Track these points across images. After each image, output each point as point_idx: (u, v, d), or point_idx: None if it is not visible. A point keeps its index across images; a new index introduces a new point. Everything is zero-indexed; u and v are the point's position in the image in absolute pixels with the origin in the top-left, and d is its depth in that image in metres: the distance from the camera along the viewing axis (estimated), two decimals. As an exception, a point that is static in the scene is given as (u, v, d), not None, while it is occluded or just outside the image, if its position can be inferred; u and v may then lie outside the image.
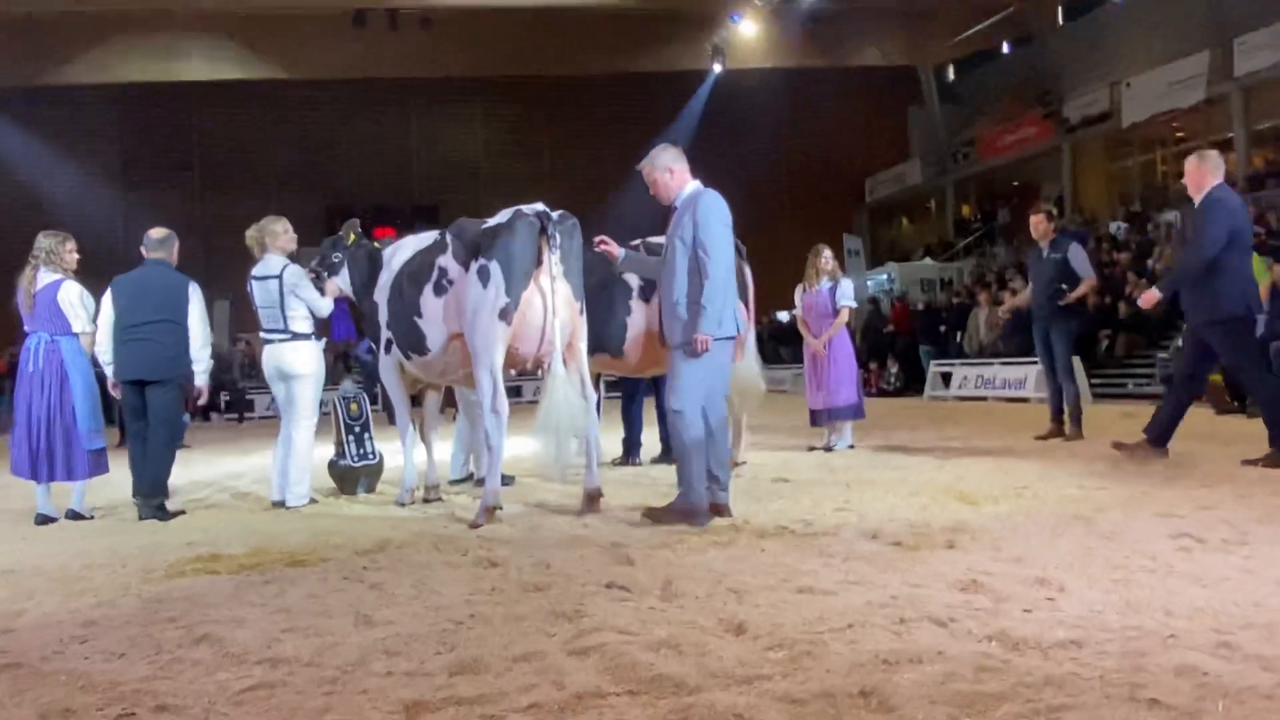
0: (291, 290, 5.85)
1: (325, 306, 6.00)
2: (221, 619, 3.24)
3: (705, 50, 23.55)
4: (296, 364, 5.92)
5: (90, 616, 3.39)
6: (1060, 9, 23.95)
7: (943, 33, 25.10)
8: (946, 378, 15.49)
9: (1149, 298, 6.07)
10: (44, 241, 5.80)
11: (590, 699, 2.35)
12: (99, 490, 6.42)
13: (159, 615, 3.35)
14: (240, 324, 23.90)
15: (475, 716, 2.28)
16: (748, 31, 21.79)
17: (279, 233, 6.01)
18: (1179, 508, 4.41)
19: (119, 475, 6.28)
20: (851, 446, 7.89)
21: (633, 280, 6.00)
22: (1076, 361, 12.47)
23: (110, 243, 19.65)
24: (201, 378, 5.91)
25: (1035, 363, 9.21)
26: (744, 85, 27.11)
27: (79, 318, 5.72)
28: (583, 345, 5.28)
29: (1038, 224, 7.82)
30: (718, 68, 23.77)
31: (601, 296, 5.99)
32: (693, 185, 4.77)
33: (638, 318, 6.06)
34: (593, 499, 5.12)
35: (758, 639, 2.76)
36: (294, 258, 6.07)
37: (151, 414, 5.77)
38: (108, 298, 5.84)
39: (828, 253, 7.92)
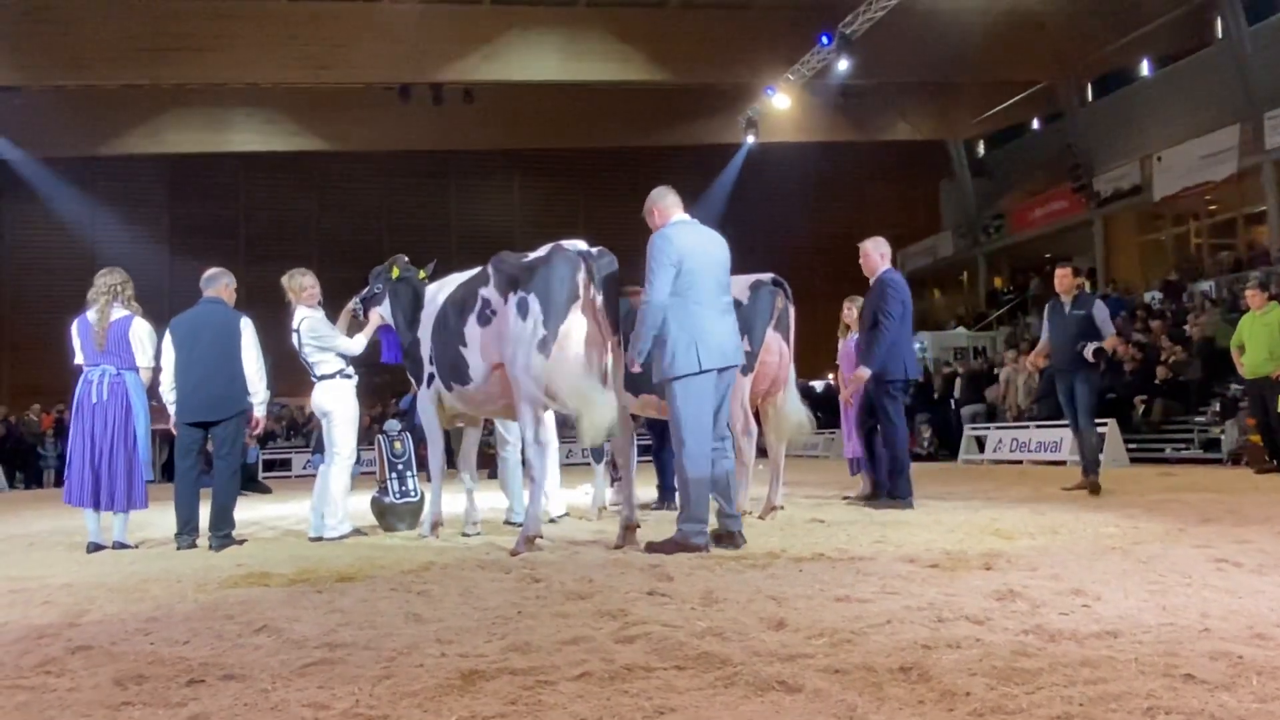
0: (309, 342, 6.11)
1: (354, 346, 6.20)
2: (278, 616, 3.38)
3: (739, 123, 24.15)
4: (323, 402, 6.16)
5: (152, 615, 3.55)
6: (1090, 85, 24.39)
7: (972, 108, 25.60)
8: (981, 442, 15.43)
9: (860, 375, 6.86)
10: (113, 277, 6.10)
11: (639, 670, 2.46)
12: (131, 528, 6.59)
13: (217, 613, 3.50)
14: (281, 387, 24.44)
15: (530, 683, 2.39)
16: (781, 105, 22.31)
17: (300, 288, 6.26)
18: (1216, 541, 4.45)
19: (150, 514, 6.44)
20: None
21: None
22: (1113, 424, 12.50)
23: (156, 303, 20.37)
24: (259, 409, 6.13)
25: (1069, 425, 9.05)
26: (776, 158, 27.69)
27: (145, 353, 6.00)
28: (619, 380, 5.38)
29: (1064, 278, 7.88)
30: (750, 140, 24.33)
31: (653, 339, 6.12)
32: (666, 226, 5.01)
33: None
34: (630, 531, 5.21)
35: (798, 631, 2.85)
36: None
37: (215, 448, 5.99)
38: (168, 339, 6.09)
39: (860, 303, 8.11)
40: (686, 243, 4.88)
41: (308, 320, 6.15)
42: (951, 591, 3.38)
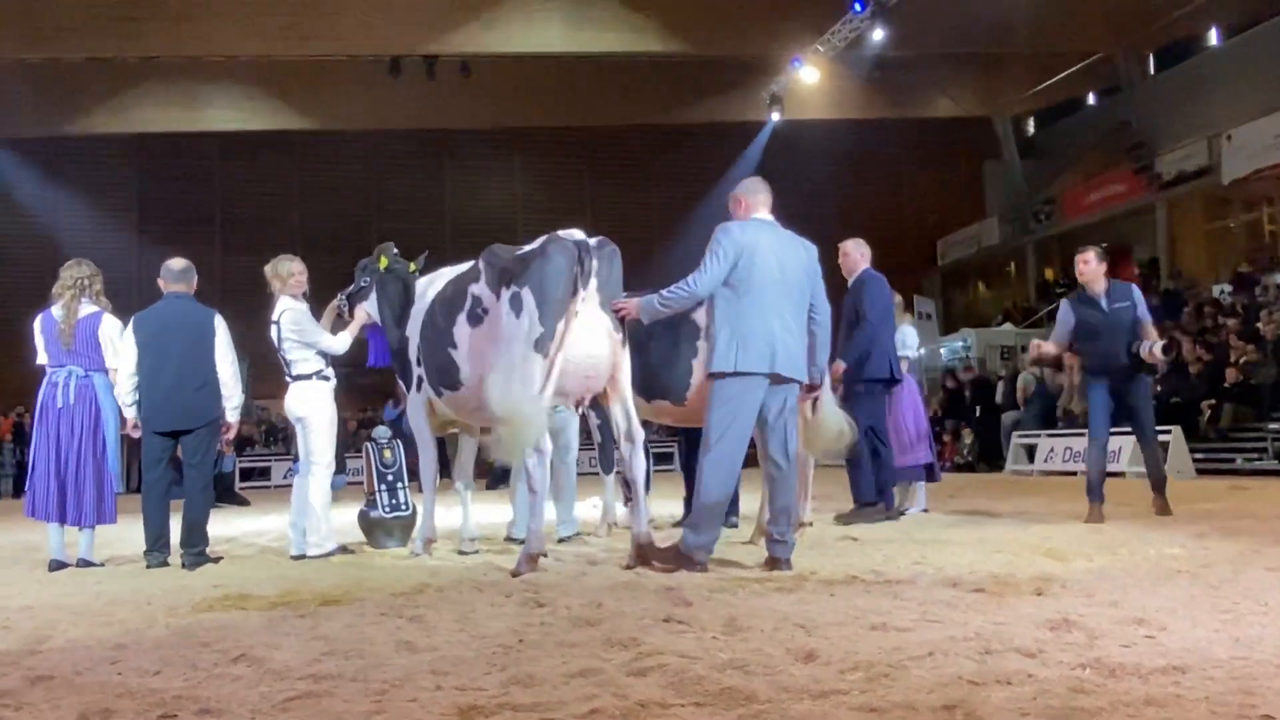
0: (289, 336, 6.11)
1: (338, 345, 6.21)
2: (257, 644, 3.39)
3: (761, 100, 24.12)
4: (298, 407, 6.16)
5: (119, 642, 3.56)
6: (1151, 56, 24.23)
7: (1022, 81, 25.49)
8: (1031, 451, 15.36)
9: (836, 369, 6.83)
10: (80, 270, 6.11)
11: (655, 708, 2.45)
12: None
13: (191, 640, 3.52)
14: (259, 389, 24.58)
15: (533, 720, 2.39)
16: (808, 79, 22.29)
17: (287, 274, 6.25)
18: (1295, 564, 4.41)
19: (118, 529, 6.49)
20: (925, 511, 7.90)
21: (700, 318, 6.15)
22: (1177, 432, 12.42)
23: (124, 297, 20.48)
24: (232, 414, 6.14)
25: (1129, 433, 8.80)
26: (804, 137, 27.64)
27: (116, 353, 6.01)
28: (625, 379, 5.38)
29: (1088, 264, 7.05)
30: (775, 117, 24.29)
31: (665, 336, 6.14)
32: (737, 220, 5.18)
33: (704, 362, 6.17)
34: (642, 549, 5.20)
35: (830, 664, 2.84)
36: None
37: (186, 458, 6.01)
38: (130, 337, 6.07)
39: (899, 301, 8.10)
40: (750, 240, 4.96)
41: (290, 312, 6.15)
42: (1000, 620, 3.36)
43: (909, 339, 7.98)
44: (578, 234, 5.27)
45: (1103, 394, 7.05)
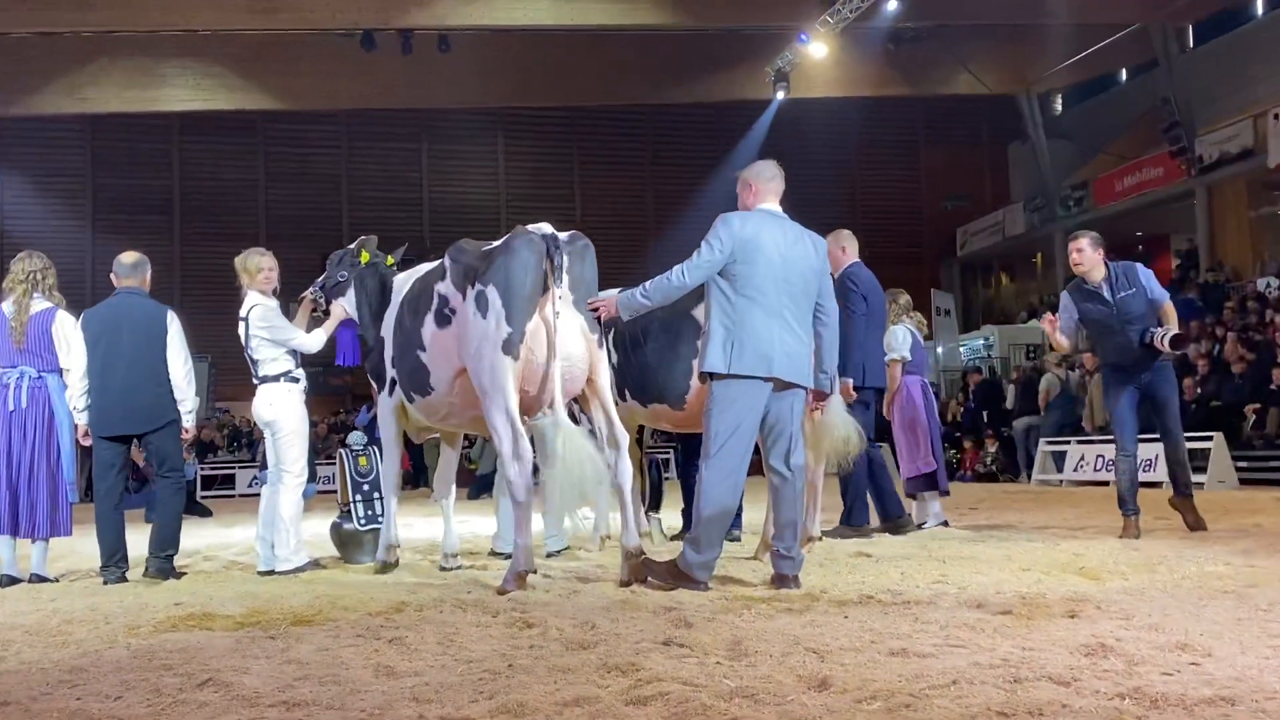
0: (258, 333, 6.13)
1: (312, 342, 6.23)
2: (224, 668, 3.39)
3: (765, 77, 24.13)
4: (266, 411, 6.18)
5: (77, 664, 3.56)
6: (1191, 28, 24.28)
7: (1050, 56, 25.49)
8: (1059, 459, 15.39)
9: (847, 388, 6.81)
10: (32, 264, 6.12)
11: (656, 739, 2.45)
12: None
13: (153, 663, 3.51)
14: (222, 390, 24.59)
15: (525, 754, 2.39)
16: (816, 54, 22.30)
17: (256, 269, 6.28)
18: (1348, 582, 4.42)
19: (73, 541, 6.49)
20: (945, 524, 7.92)
21: (701, 314, 6.15)
22: (1219, 438, 12.45)
23: (77, 291, 20.43)
24: (187, 419, 6.16)
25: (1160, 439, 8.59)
26: (812, 118, 27.69)
27: (71, 353, 6.02)
28: (604, 381, 5.42)
29: (1081, 251, 6.90)
30: (780, 96, 24.32)
31: (662, 335, 6.16)
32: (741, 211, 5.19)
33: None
34: (634, 562, 5.20)
35: (845, 692, 2.84)
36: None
37: (155, 465, 6.06)
38: (79, 335, 6.09)
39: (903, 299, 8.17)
40: (752, 234, 4.92)
41: (260, 308, 6.18)
42: (1029, 645, 3.36)
43: (896, 340, 7.95)
44: (546, 227, 5.30)
45: (1127, 398, 6.91)
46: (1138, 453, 7.05)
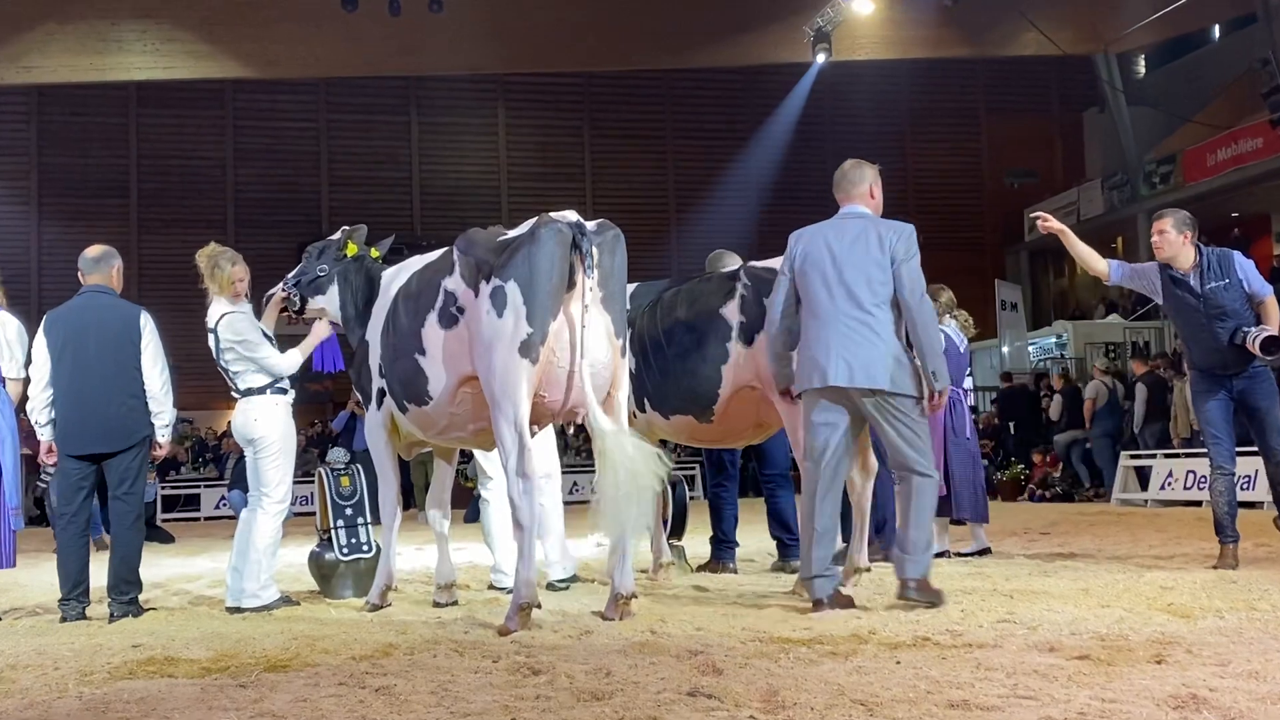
0: (230, 346, 6.17)
1: (285, 363, 6.25)
2: (188, 721, 3.41)
3: (804, 37, 24.08)
4: (248, 427, 6.23)
5: (22, 717, 3.59)
6: (1293, -22, 24.09)
7: (1131, 11, 25.36)
8: (1143, 476, 15.31)
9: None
10: None
11: (680, 807, 2.45)
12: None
13: (108, 715, 3.55)
14: (184, 398, 24.71)
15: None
16: (862, 11, 22.28)
17: (228, 280, 6.28)
18: None
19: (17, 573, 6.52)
20: (985, 551, 7.94)
21: (732, 316, 6.15)
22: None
23: (20, 285, 20.65)
24: (163, 433, 6.21)
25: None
26: (856, 83, 27.63)
27: (15, 360, 6.09)
28: (623, 396, 5.43)
29: (1164, 234, 6.79)
30: (821, 58, 24.27)
31: (688, 337, 6.19)
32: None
33: (737, 367, 6.15)
34: (621, 604, 5.24)
35: (899, 751, 2.83)
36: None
37: (112, 486, 6.05)
38: (41, 341, 6.13)
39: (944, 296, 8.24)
40: (805, 247, 5.43)
41: (230, 317, 6.21)
42: (1109, 696, 3.35)
43: None
44: (572, 215, 5.32)
45: (1218, 408, 6.79)
46: (1235, 471, 6.92)
